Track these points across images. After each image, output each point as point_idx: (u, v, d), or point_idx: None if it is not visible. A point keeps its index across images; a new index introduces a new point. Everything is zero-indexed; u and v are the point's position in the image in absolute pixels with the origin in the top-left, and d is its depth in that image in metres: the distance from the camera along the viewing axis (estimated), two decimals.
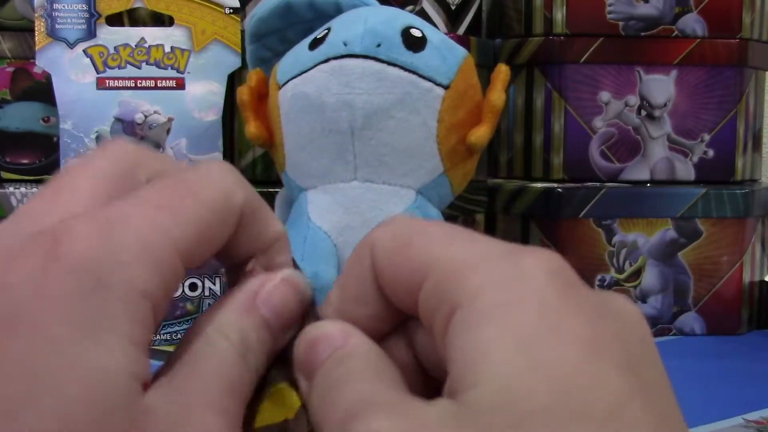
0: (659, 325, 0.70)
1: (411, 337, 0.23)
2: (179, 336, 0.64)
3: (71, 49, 0.64)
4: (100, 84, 0.64)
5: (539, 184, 0.70)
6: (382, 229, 0.22)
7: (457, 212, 0.69)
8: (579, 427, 0.17)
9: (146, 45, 0.64)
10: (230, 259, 0.24)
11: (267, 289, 0.24)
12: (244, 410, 0.22)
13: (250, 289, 0.23)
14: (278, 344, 0.24)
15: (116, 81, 0.64)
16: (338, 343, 0.22)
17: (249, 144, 0.68)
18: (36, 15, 0.64)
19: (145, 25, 0.66)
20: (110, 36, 0.64)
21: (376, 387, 0.20)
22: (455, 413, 0.18)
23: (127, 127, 0.64)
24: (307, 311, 0.24)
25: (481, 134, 0.54)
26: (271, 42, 0.59)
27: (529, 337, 0.18)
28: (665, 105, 0.71)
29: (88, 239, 0.20)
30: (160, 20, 0.66)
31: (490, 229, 0.75)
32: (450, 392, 0.19)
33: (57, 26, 0.64)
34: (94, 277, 0.19)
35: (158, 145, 0.64)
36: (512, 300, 0.19)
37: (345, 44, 0.52)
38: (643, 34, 0.70)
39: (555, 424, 0.17)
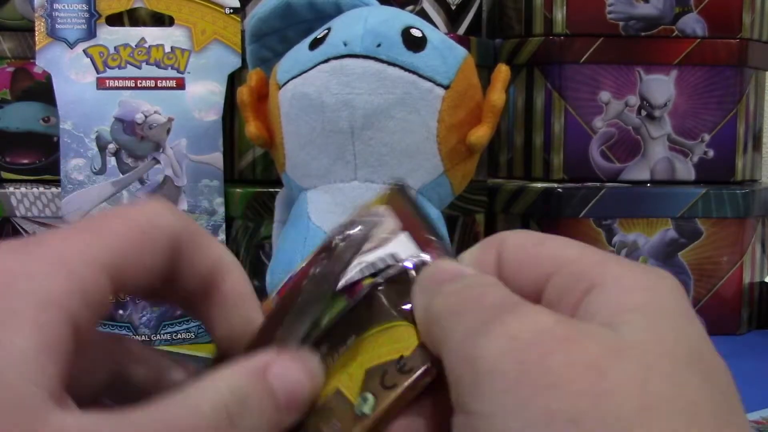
0: None
1: None
2: (179, 336, 0.64)
3: (71, 49, 0.64)
4: (100, 84, 0.64)
5: (539, 184, 0.70)
6: (511, 232, 0.25)
7: (457, 212, 0.69)
8: (691, 371, 0.21)
9: (146, 45, 0.64)
10: (177, 292, 0.24)
11: (280, 364, 0.23)
12: None
13: (261, 358, 0.23)
14: (284, 423, 0.23)
15: (116, 81, 0.64)
16: (462, 271, 0.24)
17: (249, 144, 0.68)
18: (36, 15, 0.64)
19: (145, 25, 0.66)
20: (110, 36, 0.64)
21: (512, 295, 0.23)
22: (609, 334, 0.21)
23: (127, 127, 0.64)
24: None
25: (481, 134, 0.54)
26: (271, 42, 0.59)
27: (671, 314, 0.22)
28: (665, 105, 0.71)
29: (10, 253, 0.21)
30: (160, 20, 0.66)
31: (490, 229, 0.75)
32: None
33: (57, 26, 0.64)
34: (5, 285, 0.20)
35: (158, 145, 0.64)
36: (650, 286, 0.23)
37: (345, 44, 0.52)
38: (643, 34, 0.70)
39: (680, 365, 0.21)
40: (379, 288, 0.26)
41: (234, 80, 0.65)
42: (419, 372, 0.23)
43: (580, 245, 0.25)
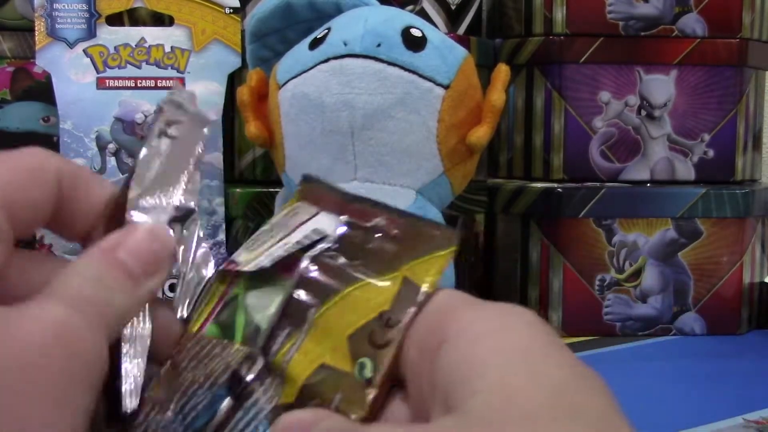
0: (659, 325, 0.70)
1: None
2: None
3: (71, 49, 0.64)
4: (100, 84, 0.64)
5: (539, 184, 0.70)
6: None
7: (457, 212, 0.69)
8: (577, 426, 0.19)
9: (146, 45, 0.64)
10: (72, 229, 0.27)
11: (127, 238, 0.25)
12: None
13: (109, 239, 0.25)
14: (142, 289, 0.25)
15: (116, 81, 0.64)
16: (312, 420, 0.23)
17: (249, 144, 0.68)
18: (36, 15, 0.64)
19: (145, 25, 0.66)
20: (110, 36, 0.64)
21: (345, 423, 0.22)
22: (458, 423, 0.19)
23: (127, 127, 0.64)
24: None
25: (481, 134, 0.54)
26: (271, 42, 0.59)
27: (522, 352, 0.21)
28: (665, 105, 0.71)
29: None
30: (160, 20, 0.66)
31: (490, 229, 0.75)
32: (446, 410, 0.20)
33: (57, 26, 0.64)
34: None
35: None
36: (500, 328, 0.21)
37: (345, 44, 0.52)
38: (643, 34, 0.70)
39: (557, 423, 0.19)
40: (323, 257, 0.26)
41: (234, 80, 0.65)
42: (408, 318, 0.23)
43: (463, 297, 0.23)
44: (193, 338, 0.26)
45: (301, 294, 0.25)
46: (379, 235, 0.26)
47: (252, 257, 0.27)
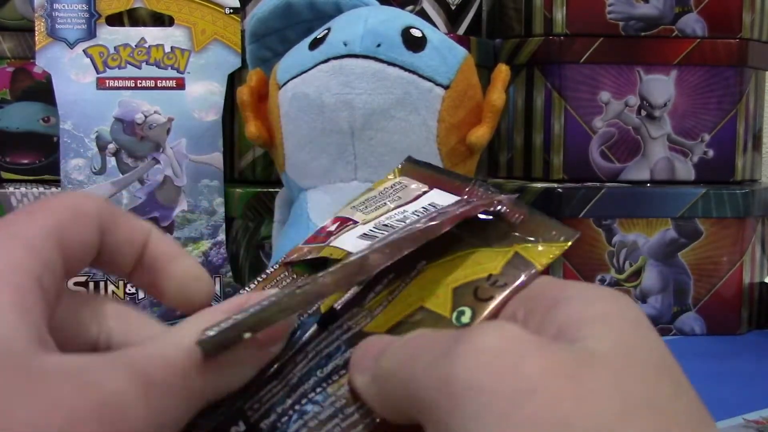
0: (659, 325, 0.70)
1: None
2: None
3: (71, 49, 0.64)
4: (100, 84, 0.64)
5: (539, 184, 0.70)
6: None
7: None
8: (680, 389, 0.22)
9: (146, 45, 0.64)
10: (114, 266, 0.27)
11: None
12: None
13: (235, 300, 0.26)
14: (267, 355, 0.26)
15: (116, 81, 0.64)
16: (391, 340, 0.25)
17: (249, 144, 0.68)
18: (36, 15, 0.64)
19: (145, 25, 0.66)
20: (110, 36, 0.64)
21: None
22: (582, 348, 0.21)
23: (127, 127, 0.64)
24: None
25: (481, 134, 0.54)
26: (271, 42, 0.59)
27: (633, 322, 0.23)
28: (665, 105, 0.71)
29: None
30: (160, 20, 0.66)
31: None
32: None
33: (57, 26, 0.64)
34: None
35: (158, 145, 0.64)
36: (610, 299, 0.23)
37: (345, 44, 0.52)
38: (643, 34, 0.70)
39: (666, 384, 0.21)
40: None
41: (234, 80, 0.65)
42: (516, 283, 0.26)
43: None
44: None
45: (413, 249, 0.27)
46: (496, 217, 0.28)
47: (370, 218, 0.30)
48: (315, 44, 0.54)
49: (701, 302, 0.70)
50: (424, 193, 0.31)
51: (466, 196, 0.30)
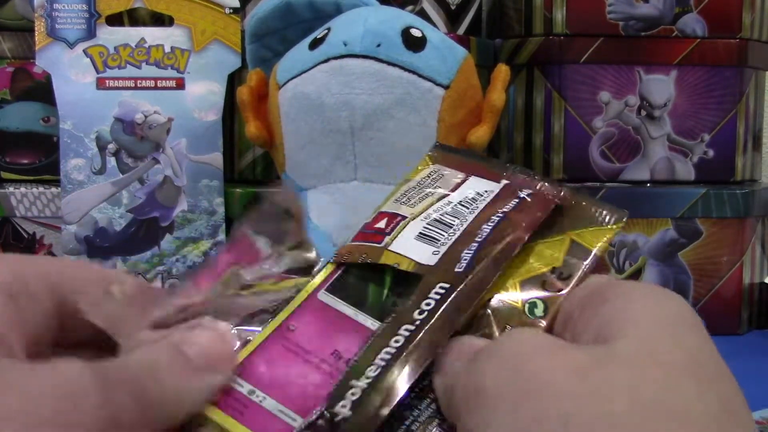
0: None
1: None
2: None
3: (71, 49, 0.64)
4: (100, 84, 0.64)
5: None
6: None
7: None
8: (708, 386, 0.21)
9: (146, 45, 0.64)
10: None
11: (192, 334, 0.26)
12: None
13: (175, 334, 0.26)
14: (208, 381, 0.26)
15: (116, 81, 0.64)
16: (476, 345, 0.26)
17: (249, 144, 0.68)
18: (36, 15, 0.64)
19: (145, 25, 0.66)
20: (110, 36, 0.64)
21: None
22: (607, 350, 0.22)
23: (127, 127, 0.64)
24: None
25: (481, 134, 0.54)
26: (271, 42, 0.59)
27: (669, 321, 0.23)
28: (665, 105, 0.71)
29: None
30: (160, 20, 0.66)
31: None
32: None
33: (57, 26, 0.64)
34: None
35: (158, 145, 0.64)
36: (656, 298, 0.24)
37: (345, 44, 0.52)
38: (643, 34, 0.70)
39: (689, 379, 0.21)
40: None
41: (234, 80, 0.65)
42: (580, 272, 0.27)
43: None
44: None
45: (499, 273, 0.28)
46: (541, 200, 0.29)
47: (417, 211, 0.30)
48: (315, 44, 0.54)
49: (701, 302, 0.70)
50: (463, 181, 0.31)
51: (507, 181, 0.30)
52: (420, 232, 0.29)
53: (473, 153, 0.32)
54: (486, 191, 0.30)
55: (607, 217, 0.29)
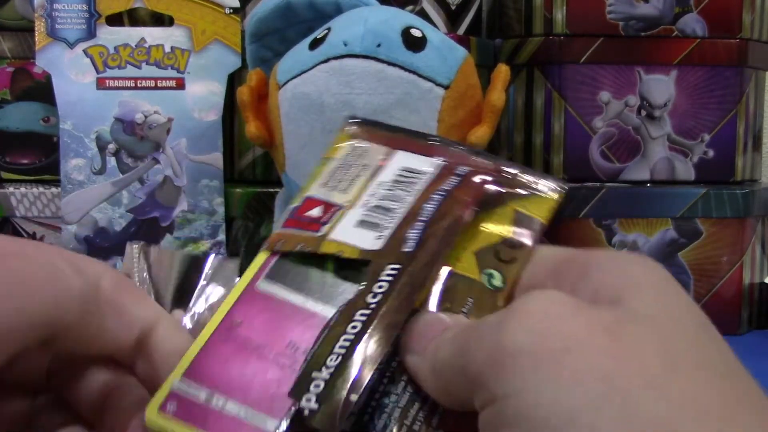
0: None
1: None
2: None
3: (71, 49, 0.64)
4: (100, 84, 0.64)
5: None
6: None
7: None
8: (717, 345, 0.22)
9: (146, 45, 0.64)
10: (91, 349, 0.26)
11: None
12: None
13: None
14: None
15: (116, 81, 0.64)
16: (443, 321, 0.26)
17: (249, 144, 0.68)
18: (36, 15, 0.64)
19: (145, 25, 0.66)
20: (110, 36, 0.64)
21: None
22: (625, 310, 0.22)
23: (127, 127, 0.64)
24: None
25: (481, 134, 0.54)
26: (271, 42, 0.59)
27: (666, 281, 0.23)
28: (665, 105, 0.71)
29: None
30: (160, 20, 0.66)
31: None
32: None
33: (57, 26, 0.64)
34: None
35: (158, 145, 0.64)
36: (645, 264, 0.24)
37: (345, 44, 0.52)
38: (643, 34, 0.70)
39: (704, 340, 0.22)
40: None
41: (234, 80, 0.65)
42: (530, 241, 0.27)
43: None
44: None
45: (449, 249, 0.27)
46: (480, 176, 0.29)
47: (351, 197, 0.29)
48: (315, 44, 0.54)
49: (701, 302, 0.70)
50: (389, 155, 0.30)
51: (441, 159, 0.30)
52: (360, 220, 0.28)
53: (391, 126, 0.31)
54: (420, 170, 0.29)
55: (547, 188, 0.29)
